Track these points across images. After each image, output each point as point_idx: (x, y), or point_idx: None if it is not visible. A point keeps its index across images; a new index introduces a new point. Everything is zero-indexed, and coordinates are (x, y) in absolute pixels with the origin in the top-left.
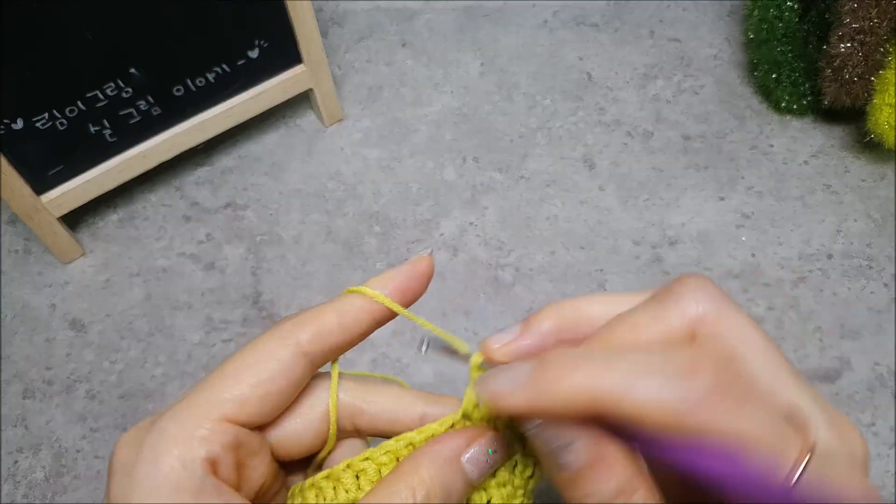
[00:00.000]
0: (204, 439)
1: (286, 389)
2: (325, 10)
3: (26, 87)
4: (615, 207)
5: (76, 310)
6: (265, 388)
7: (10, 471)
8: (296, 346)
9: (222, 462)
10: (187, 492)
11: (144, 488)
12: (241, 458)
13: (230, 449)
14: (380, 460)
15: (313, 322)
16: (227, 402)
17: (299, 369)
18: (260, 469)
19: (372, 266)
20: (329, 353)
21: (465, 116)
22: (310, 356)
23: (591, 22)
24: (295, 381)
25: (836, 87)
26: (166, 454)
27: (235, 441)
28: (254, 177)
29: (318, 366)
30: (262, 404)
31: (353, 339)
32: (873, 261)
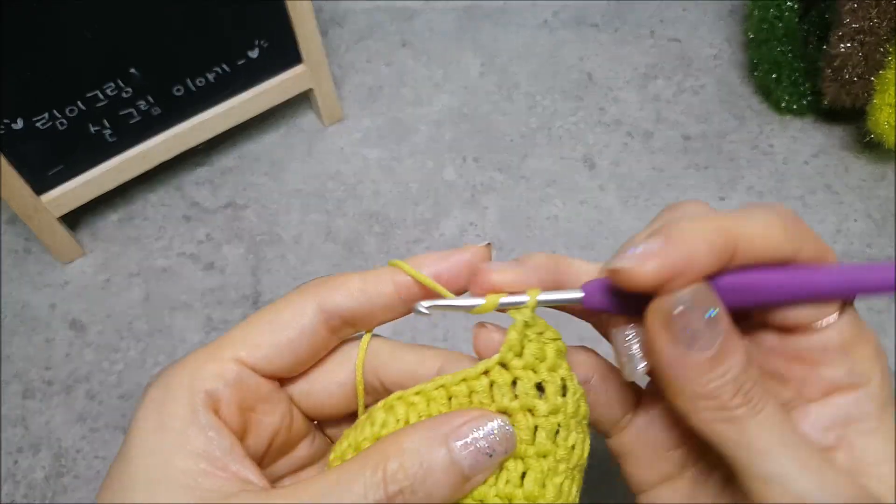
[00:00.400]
0: (210, 374)
1: (300, 341)
2: (325, 10)
3: (26, 87)
4: (616, 207)
5: (76, 310)
6: (279, 336)
7: (10, 471)
8: (314, 302)
9: (224, 399)
10: (179, 418)
11: (149, 412)
12: (247, 401)
13: (234, 387)
14: (411, 399)
15: (335, 282)
16: (239, 345)
17: (316, 324)
18: (272, 418)
19: (372, 266)
20: (349, 314)
21: (465, 116)
22: (328, 313)
23: (592, 22)
24: (311, 334)
25: (836, 87)
26: (175, 381)
27: (239, 380)
28: (254, 177)
29: (338, 329)
30: (273, 351)
31: (377, 307)
32: (873, 261)
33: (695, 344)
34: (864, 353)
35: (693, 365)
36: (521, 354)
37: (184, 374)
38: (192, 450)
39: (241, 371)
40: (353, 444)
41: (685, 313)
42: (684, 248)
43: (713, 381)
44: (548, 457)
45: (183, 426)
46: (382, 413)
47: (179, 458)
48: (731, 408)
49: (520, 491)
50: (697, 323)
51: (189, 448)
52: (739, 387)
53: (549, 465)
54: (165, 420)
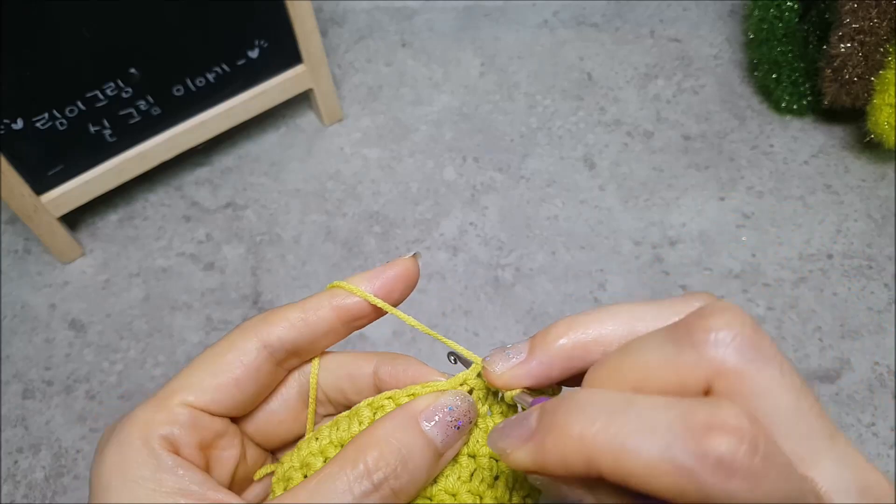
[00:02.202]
0: (162, 421)
1: (246, 379)
2: (324, 9)
3: (26, 87)
4: (616, 207)
5: (76, 310)
6: (223, 378)
7: (10, 471)
8: (256, 339)
9: (182, 442)
10: (146, 467)
11: (112, 467)
12: (205, 440)
13: (189, 429)
14: (401, 400)
15: (275, 316)
16: (186, 390)
17: (260, 361)
18: (231, 451)
19: (372, 266)
20: (292, 346)
21: (465, 116)
22: (270, 348)
23: (592, 22)
24: (256, 371)
25: (836, 87)
26: (129, 436)
27: (193, 422)
28: (253, 177)
29: (284, 362)
30: (220, 392)
31: (320, 334)
32: (873, 261)
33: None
34: None
35: None
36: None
37: (135, 427)
38: (169, 490)
39: (193, 413)
40: (336, 441)
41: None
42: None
43: None
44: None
45: (151, 472)
46: (369, 412)
47: (159, 501)
48: None
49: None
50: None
51: (165, 489)
52: None
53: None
54: (131, 471)
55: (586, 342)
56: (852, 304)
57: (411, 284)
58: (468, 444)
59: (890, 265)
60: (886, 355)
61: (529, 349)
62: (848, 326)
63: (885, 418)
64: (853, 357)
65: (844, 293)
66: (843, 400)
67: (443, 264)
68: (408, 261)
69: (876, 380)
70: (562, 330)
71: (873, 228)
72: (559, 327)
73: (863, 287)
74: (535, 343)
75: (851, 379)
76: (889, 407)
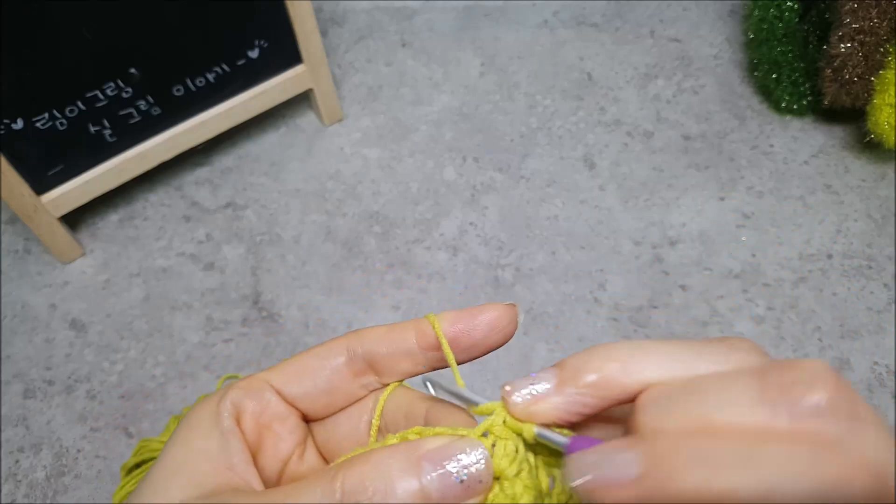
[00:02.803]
0: (239, 387)
1: (321, 373)
2: (324, 9)
3: (26, 88)
4: (616, 207)
5: (76, 310)
6: (301, 365)
7: (11, 470)
8: (343, 344)
9: (246, 410)
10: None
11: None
12: (264, 416)
13: (254, 399)
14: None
15: (367, 329)
16: (270, 371)
17: (339, 363)
18: (285, 444)
19: (372, 266)
20: (371, 358)
21: (465, 116)
22: (352, 353)
23: (592, 22)
24: (332, 370)
25: (836, 87)
26: (214, 395)
27: (260, 394)
28: (253, 177)
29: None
30: (295, 377)
31: (400, 353)
32: (873, 261)
33: None
34: None
35: None
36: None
37: (222, 389)
38: (212, 450)
39: (264, 388)
40: None
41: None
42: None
43: None
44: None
45: (208, 428)
46: (395, 441)
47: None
48: None
49: None
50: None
51: (210, 448)
52: None
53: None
54: (195, 423)
55: (624, 380)
56: (852, 304)
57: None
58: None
59: (890, 265)
60: (886, 355)
61: (558, 381)
62: (847, 326)
63: (884, 418)
64: (853, 357)
65: (844, 293)
66: None
67: (443, 264)
68: (502, 307)
69: (875, 380)
70: (597, 363)
71: (873, 228)
72: (594, 360)
73: (862, 287)
74: (564, 374)
75: (851, 379)
76: (889, 407)
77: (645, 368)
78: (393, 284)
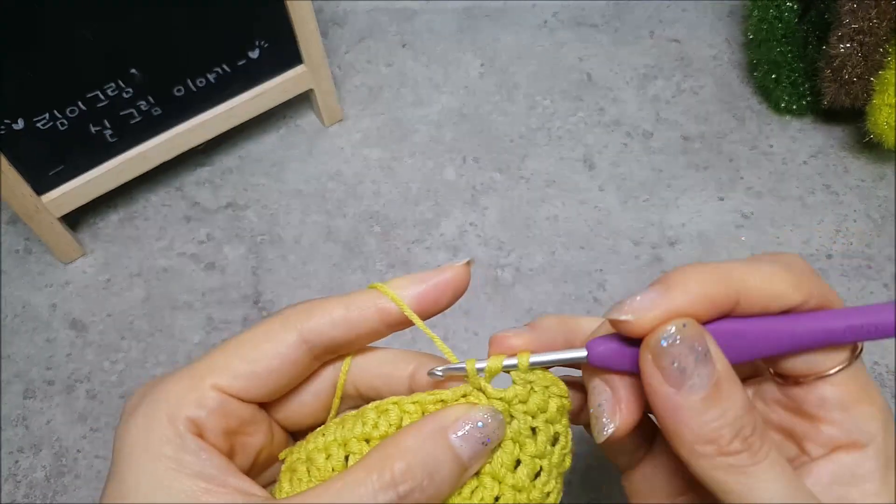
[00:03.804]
0: (192, 402)
1: (281, 369)
2: (325, 10)
3: (27, 88)
4: (615, 207)
5: (77, 310)
6: (258, 366)
7: (11, 470)
8: (296, 330)
9: (208, 426)
10: (169, 445)
11: (137, 438)
12: (231, 426)
13: (217, 415)
14: (406, 408)
15: (318, 310)
16: (218, 373)
17: (298, 354)
18: (257, 437)
19: (372, 266)
20: (332, 343)
21: (465, 116)
22: (310, 343)
23: (591, 22)
24: (292, 364)
25: (835, 88)
26: (157, 410)
27: (222, 408)
28: (254, 177)
29: (321, 356)
30: (253, 380)
31: (361, 334)
32: (873, 261)
33: (685, 382)
34: (867, 410)
35: (686, 406)
36: (526, 402)
37: (164, 402)
38: (189, 472)
39: (222, 399)
40: (340, 440)
41: (671, 347)
42: (683, 295)
43: (708, 424)
44: (522, 492)
45: (174, 451)
46: (374, 414)
47: (178, 481)
48: (730, 453)
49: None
50: (685, 359)
51: (186, 471)
52: (738, 431)
53: (521, 500)
54: (155, 447)
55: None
56: (852, 304)
57: (460, 292)
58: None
59: (890, 265)
60: (886, 355)
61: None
62: None
63: None
64: None
65: (844, 293)
66: None
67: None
68: (459, 268)
69: (876, 380)
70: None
71: (872, 229)
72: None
73: (862, 287)
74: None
75: None
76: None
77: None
78: None
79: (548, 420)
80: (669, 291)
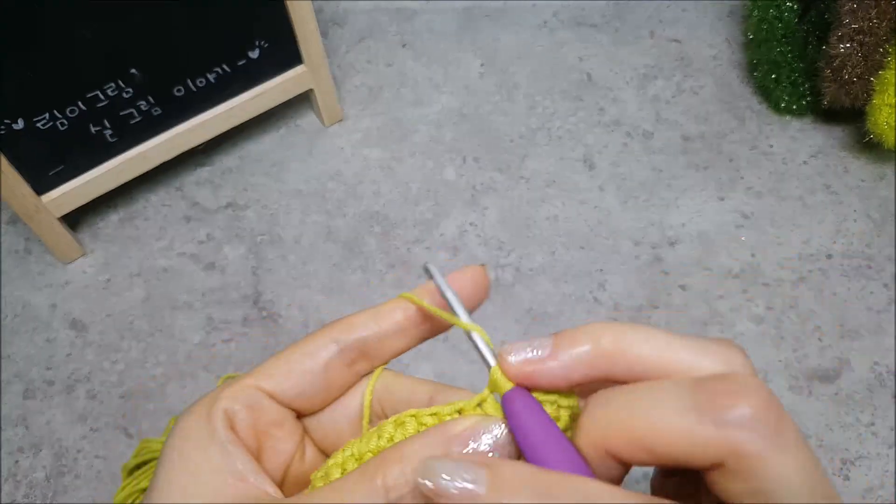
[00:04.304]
0: (228, 395)
1: (314, 371)
2: (325, 10)
3: (27, 88)
4: (615, 207)
5: (76, 310)
6: (293, 366)
7: (11, 470)
8: (329, 336)
9: (239, 418)
10: (202, 436)
11: (178, 430)
12: (260, 423)
13: (248, 408)
14: (424, 420)
15: (349, 317)
16: (258, 374)
17: (330, 356)
18: (286, 445)
19: (372, 266)
20: (362, 345)
21: (465, 116)
22: (341, 344)
23: (591, 22)
24: (325, 366)
25: (835, 88)
26: (200, 405)
27: (253, 402)
28: (254, 177)
29: (354, 361)
30: (287, 380)
31: (389, 335)
32: (873, 261)
33: None
34: None
35: None
36: None
37: (207, 398)
38: (215, 466)
39: (256, 394)
40: (356, 455)
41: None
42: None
43: None
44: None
45: (205, 444)
46: (391, 428)
47: (204, 473)
48: None
49: None
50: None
51: (213, 464)
52: None
53: None
54: (188, 442)
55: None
56: (852, 304)
57: (481, 294)
58: None
59: (889, 265)
60: (886, 355)
61: (553, 347)
62: (847, 326)
63: (884, 418)
64: (852, 357)
65: (844, 293)
66: (842, 400)
67: (443, 264)
68: (476, 269)
69: (875, 380)
70: (593, 335)
71: (872, 229)
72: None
73: (862, 287)
74: (560, 342)
75: (851, 379)
76: (889, 407)
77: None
78: (393, 284)
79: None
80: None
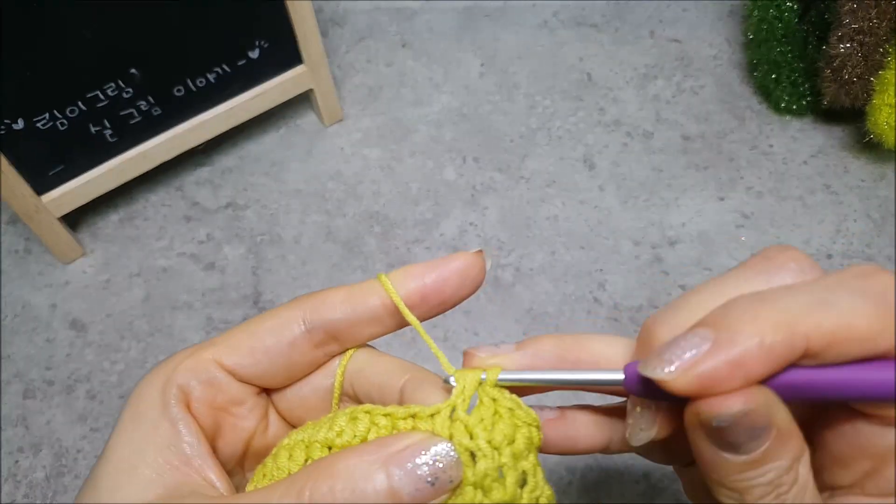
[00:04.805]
0: (185, 369)
1: (278, 350)
2: (325, 10)
3: (27, 88)
4: (615, 207)
5: (76, 310)
6: (257, 343)
7: (11, 471)
8: (298, 315)
9: (194, 395)
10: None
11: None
12: (218, 400)
13: (205, 385)
14: (377, 419)
15: (321, 296)
16: (220, 347)
17: (297, 336)
18: (247, 423)
19: (372, 266)
20: (333, 329)
21: (465, 116)
22: (309, 325)
23: (591, 22)
24: (290, 345)
25: (835, 88)
26: (156, 376)
27: (212, 379)
28: (254, 177)
29: (322, 343)
30: (250, 357)
31: (363, 322)
32: (873, 261)
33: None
34: None
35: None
36: (491, 430)
37: (163, 369)
38: (162, 442)
39: (216, 371)
40: (306, 441)
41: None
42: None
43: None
44: None
45: (156, 417)
46: (344, 421)
47: (150, 449)
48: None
49: None
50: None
51: (159, 440)
52: (773, 489)
53: None
54: (141, 411)
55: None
56: None
57: (471, 283)
58: None
59: (889, 265)
60: None
61: (517, 347)
62: None
63: None
64: None
65: None
66: None
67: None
68: (469, 256)
69: None
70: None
71: (872, 229)
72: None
73: None
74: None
75: None
76: None
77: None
78: None
79: (514, 455)
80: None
